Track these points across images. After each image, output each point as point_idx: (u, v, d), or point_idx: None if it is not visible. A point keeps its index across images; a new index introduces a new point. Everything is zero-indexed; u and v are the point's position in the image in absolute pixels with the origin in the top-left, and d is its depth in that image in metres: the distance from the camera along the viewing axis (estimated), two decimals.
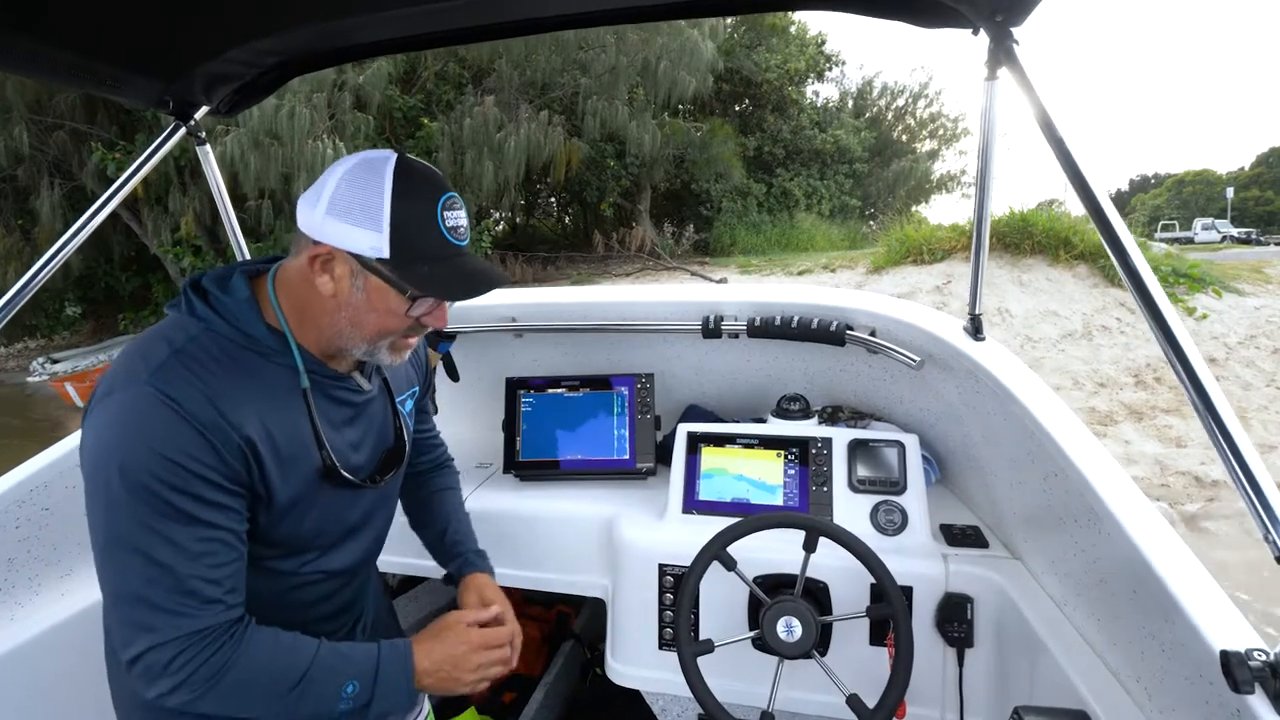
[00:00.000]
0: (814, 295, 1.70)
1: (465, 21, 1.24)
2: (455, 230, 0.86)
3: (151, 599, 0.77)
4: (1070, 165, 0.96)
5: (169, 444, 0.76)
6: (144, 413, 0.76)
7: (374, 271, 0.83)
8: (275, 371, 0.87)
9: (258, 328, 0.86)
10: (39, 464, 1.35)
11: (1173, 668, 0.87)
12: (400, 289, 0.84)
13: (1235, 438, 0.75)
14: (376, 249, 0.81)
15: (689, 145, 15.85)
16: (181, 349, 0.81)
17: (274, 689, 0.82)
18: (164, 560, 0.76)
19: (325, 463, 0.91)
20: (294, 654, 0.85)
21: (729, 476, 1.58)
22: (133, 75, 1.27)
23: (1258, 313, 7.63)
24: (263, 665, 0.82)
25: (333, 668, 0.86)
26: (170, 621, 0.77)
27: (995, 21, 1.08)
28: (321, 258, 0.84)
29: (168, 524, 0.77)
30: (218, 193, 1.71)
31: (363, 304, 0.86)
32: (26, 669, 1.27)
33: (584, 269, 14.40)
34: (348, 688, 0.85)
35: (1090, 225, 9.64)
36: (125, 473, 0.75)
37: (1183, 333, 0.81)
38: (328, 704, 0.84)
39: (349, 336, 0.89)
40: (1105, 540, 1.03)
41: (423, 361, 1.23)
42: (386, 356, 0.92)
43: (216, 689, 0.79)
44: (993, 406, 1.36)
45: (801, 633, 1.21)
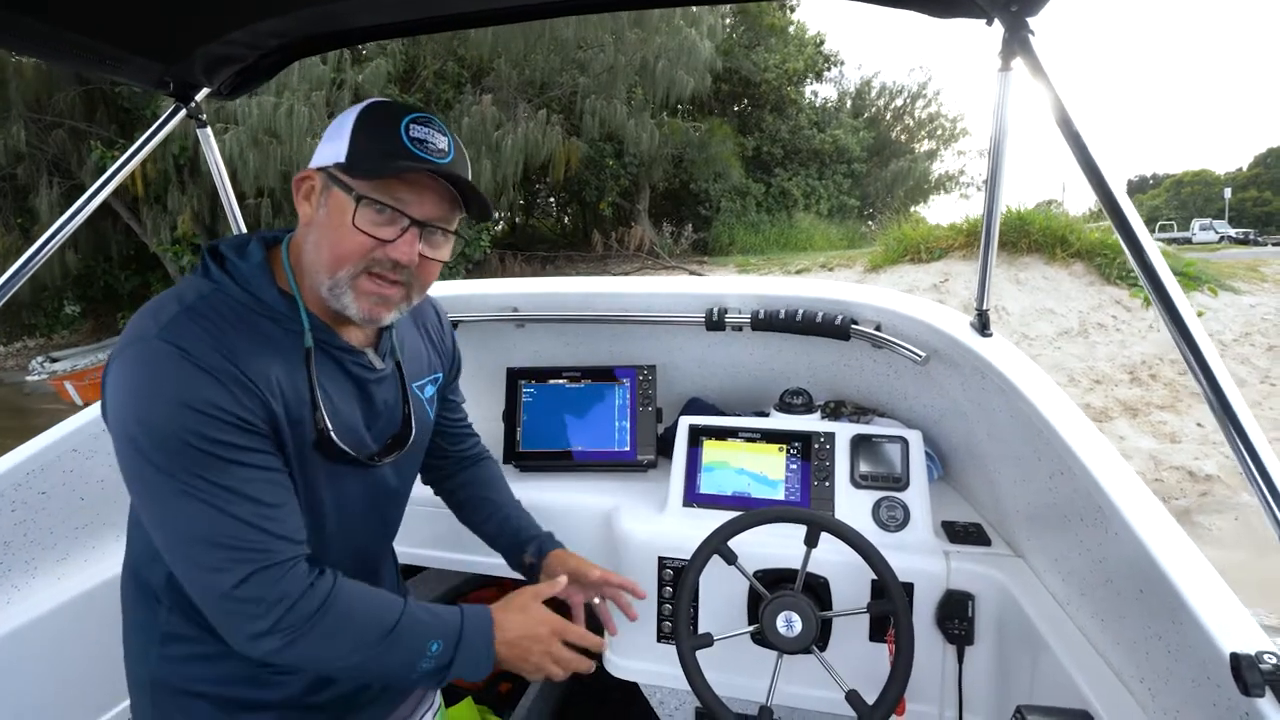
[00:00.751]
0: (819, 289, 1.69)
1: (465, 7, 1.23)
2: (421, 142, 0.81)
3: (225, 540, 0.75)
4: (1086, 158, 0.94)
5: (190, 394, 0.74)
6: (157, 365, 0.75)
7: (330, 179, 0.82)
8: (284, 336, 0.85)
9: (269, 292, 0.85)
10: (35, 447, 1.35)
11: (1179, 669, 0.86)
12: (346, 188, 0.81)
13: (1248, 430, 0.74)
14: (337, 155, 0.81)
15: (688, 145, 15.86)
16: (191, 306, 0.80)
17: (366, 636, 0.81)
18: (220, 505, 0.75)
19: (318, 426, 0.86)
20: (386, 602, 0.84)
21: (730, 470, 1.58)
22: (133, 56, 1.26)
23: (1253, 310, 7.67)
24: (359, 609, 0.82)
25: (422, 622, 0.85)
26: (249, 555, 0.75)
27: (1010, 11, 1.06)
28: (303, 183, 0.86)
29: (210, 470, 0.75)
30: (218, 175, 1.69)
31: (324, 221, 0.83)
32: (23, 652, 1.27)
33: (583, 268, 14.41)
34: (433, 646, 0.84)
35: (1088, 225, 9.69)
36: (149, 427, 0.74)
37: (1196, 324, 0.80)
38: (413, 659, 0.83)
39: (317, 268, 0.85)
40: (1113, 539, 1.02)
41: (449, 348, 1.20)
42: (352, 303, 0.85)
43: (309, 635, 0.77)
44: (999, 403, 1.35)
45: (801, 628, 1.21)
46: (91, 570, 1.42)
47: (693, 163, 16.18)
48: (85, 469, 1.42)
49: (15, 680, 1.26)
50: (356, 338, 0.94)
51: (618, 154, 14.87)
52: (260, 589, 0.75)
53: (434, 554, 1.70)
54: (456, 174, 0.84)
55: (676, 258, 14.37)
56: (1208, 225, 42.19)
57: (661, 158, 15.35)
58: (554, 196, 18.79)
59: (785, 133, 17.82)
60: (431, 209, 0.85)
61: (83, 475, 1.42)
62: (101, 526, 1.47)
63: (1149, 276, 0.85)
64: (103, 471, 1.45)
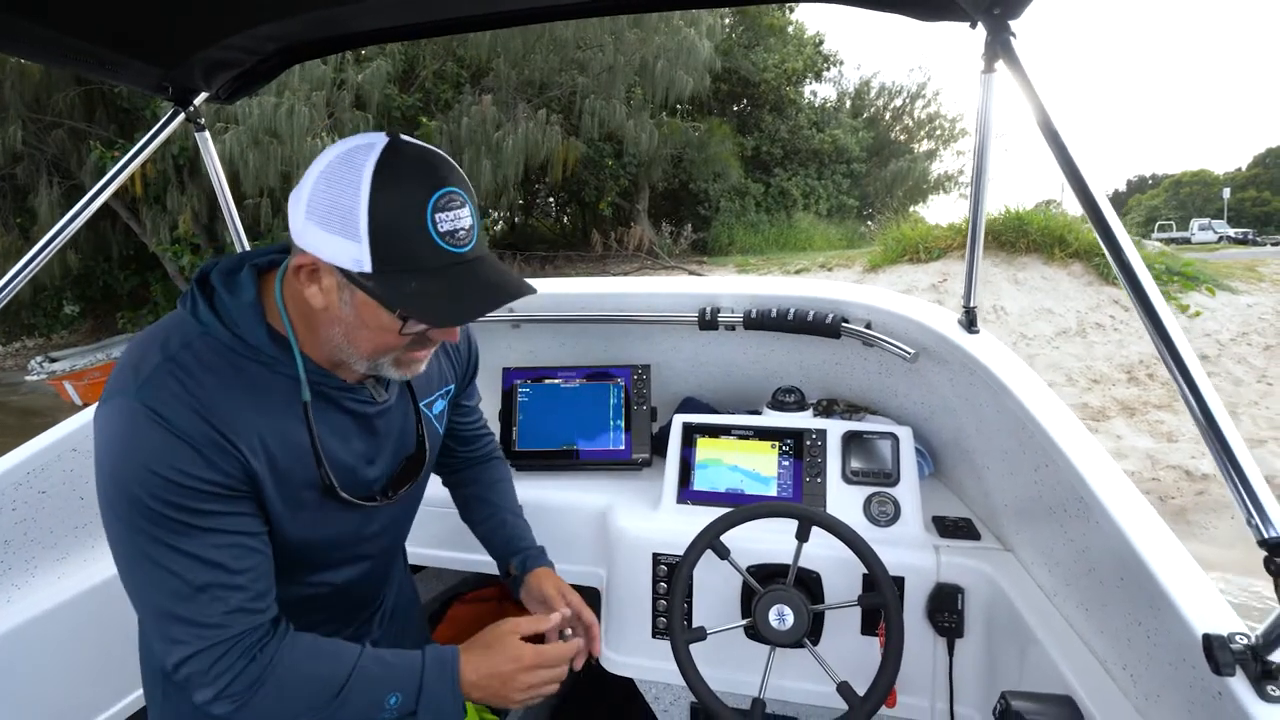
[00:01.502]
0: (810, 288, 1.71)
1: (464, 11, 1.24)
2: (452, 235, 0.72)
3: (175, 611, 0.75)
4: (1066, 160, 0.95)
5: (158, 460, 0.72)
6: (130, 428, 0.73)
7: (360, 286, 0.73)
8: (277, 381, 0.81)
9: (258, 335, 0.79)
10: (36, 447, 1.36)
11: (1158, 653, 0.88)
12: (389, 306, 0.73)
13: (1224, 429, 0.76)
14: (358, 261, 0.71)
15: (687, 145, 15.86)
16: (174, 356, 0.76)
17: (314, 699, 0.80)
18: (179, 572, 0.74)
19: (324, 482, 0.85)
20: (335, 662, 0.82)
21: (724, 467, 1.59)
22: (132, 60, 1.27)
23: (1250, 310, 7.68)
24: (302, 673, 0.80)
25: (375, 678, 0.82)
26: (198, 632, 0.75)
27: (993, 14, 1.08)
28: (306, 269, 0.76)
29: (174, 537, 0.74)
30: (216, 180, 1.70)
31: (354, 320, 0.77)
32: (23, 651, 1.28)
33: (582, 268, 14.41)
34: (391, 699, 0.82)
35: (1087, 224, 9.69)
36: (121, 487, 0.73)
37: (1173, 324, 0.82)
38: (370, 714, 0.82)
39: (347, 352, 0.81)
40: (1095, 529, 1.04)
41: (463, 355, 1.15)
42: (393, 372, 0.84)
43: (255, 698, 0.77)
44: (986, 399, 1.37)
45: (793, 621, 1.23)
46: (91, 569, 1.43)
47: (692, 163, 16.18)
48: (85, 468, 1.43)
49: (15, 678, 1.27)
50: (352, 375, 0.89)
51: (617, 154, 14.87)
52: (206, 663, 0.76)
53: (434, 553, 1.71)
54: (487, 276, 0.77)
55: (676, 258, 14.37)
56: (1206, 225, 42.26)
57: (661, 158, 15.35)
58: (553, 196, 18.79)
59: (784, 133, 17.82)
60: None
61: (83, 474, 1.43)
62: (100, 526, 1.48)
63: (1126, 273, 0.86)
64: None
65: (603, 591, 1.59)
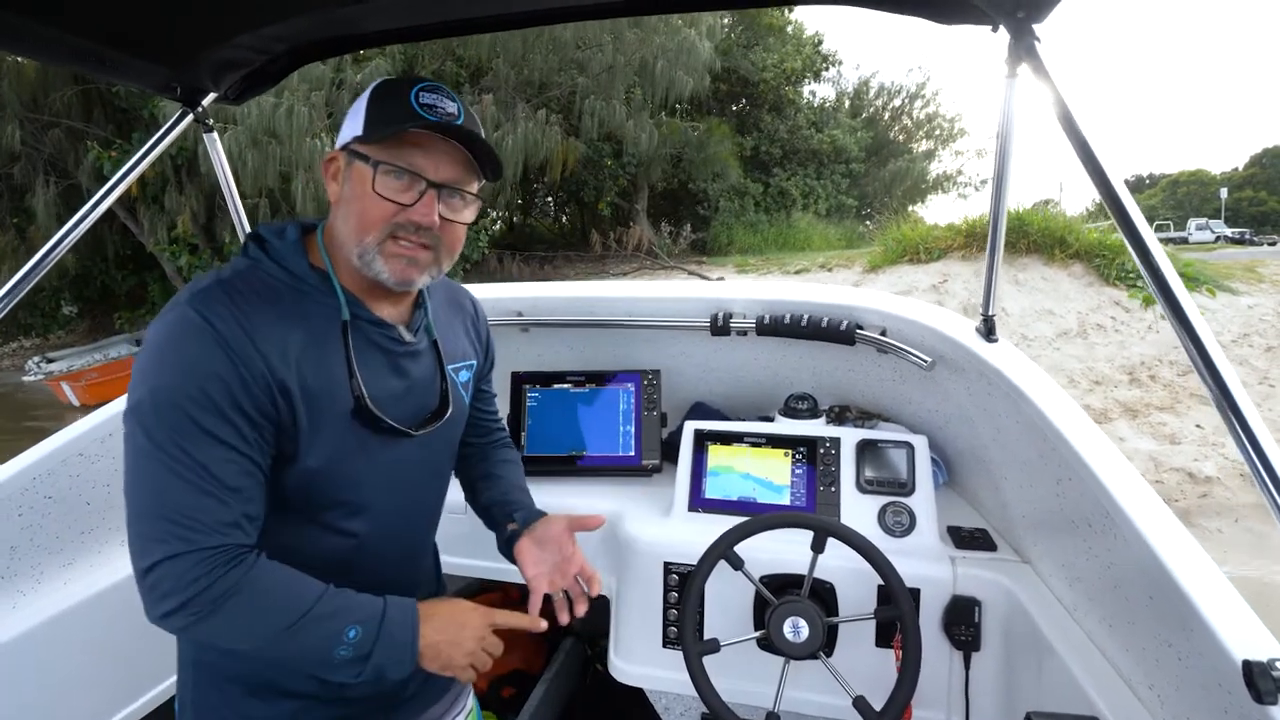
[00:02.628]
0: (824, 294, 1.69)
1: (471, 12, 1.24)
2: (430, 108, 0.85)
3: (168, 513, 0.77)
4: (1092, 163, 0.95)
5: (199, 361, 0.77)
6: (179, 331, 0.79)
7: (351, 154, 0.86)
8: (317, 309, 0.88)
9: (301, 266, 0.89)
10: (41, 452, 1.35)
11: (1190, 675, 0.87)
12: (364, 158, 0.85)
13: (1256, 431, 0.75)
14: (354, 134, 0.86)
15: (686, 145, 15.86)
16: (226, 279, 0.84)
17: (277, 620, 0.81)
18: (184, 475, 0.77)
19: (355, 394, 0.89)
20: (301, 587, 0.84)
21: (735, 475, 1.58)
22: (141, 61, 1.27)
23: (1251, 311, 7.69)
24: (268, 593, 0.81)
25: (338, 608, 0.84)
26: (184, 534, 0.76)
27: (1017, 18, 1.07)
28: (330, 165, 0.90)
29: (191, 440, 0.77)
30: (224, 180, 1.70)
31: (349, 194, 0.88)
32: (29, 656, 1.27)
33: (581, 268, 14.40)
34: (350, 632, 0.83)
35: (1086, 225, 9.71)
36: (156, 391, 0.77)
37: (1203, 326, 0.80)
38: (328, 644, 0.82)
39: (347, 241, 0.88)
40: (1121, 545, 1.02)
41: (484, 341, 1.21)
42: (383, 268, 0.88)
43: (219, 612, 0.78)
44: (1004, 408, 1.35)
45: (808, 634, 1.21)
46: (96, 574, 1.43)
47: (691, 162, 16.19)
48: (91, 473, 1.42)
49: (22, 683, 1.26)
50: (389, 313, 0.96)
51: (616, 154, 14.86)
52: (182, 568, 0.76)
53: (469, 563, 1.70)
54: (468, 130, 0.87)
55: (675, 258, 14.36)
56: (1204, 225, 42.35)
57: (660, 158, 15.36)
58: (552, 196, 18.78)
59: (784, 132, 17.84)
60: (447, 171, 0.88)
61: (89, 479, 1.42)
62: (107, 530, 1.47)
63: (1155, 279, 0.86)
64: (107, 476, 1.45)
65: (612, 599, 1.57)
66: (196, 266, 11.72)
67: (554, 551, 1.12)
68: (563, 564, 1.11)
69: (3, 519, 1.28)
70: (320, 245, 0.92)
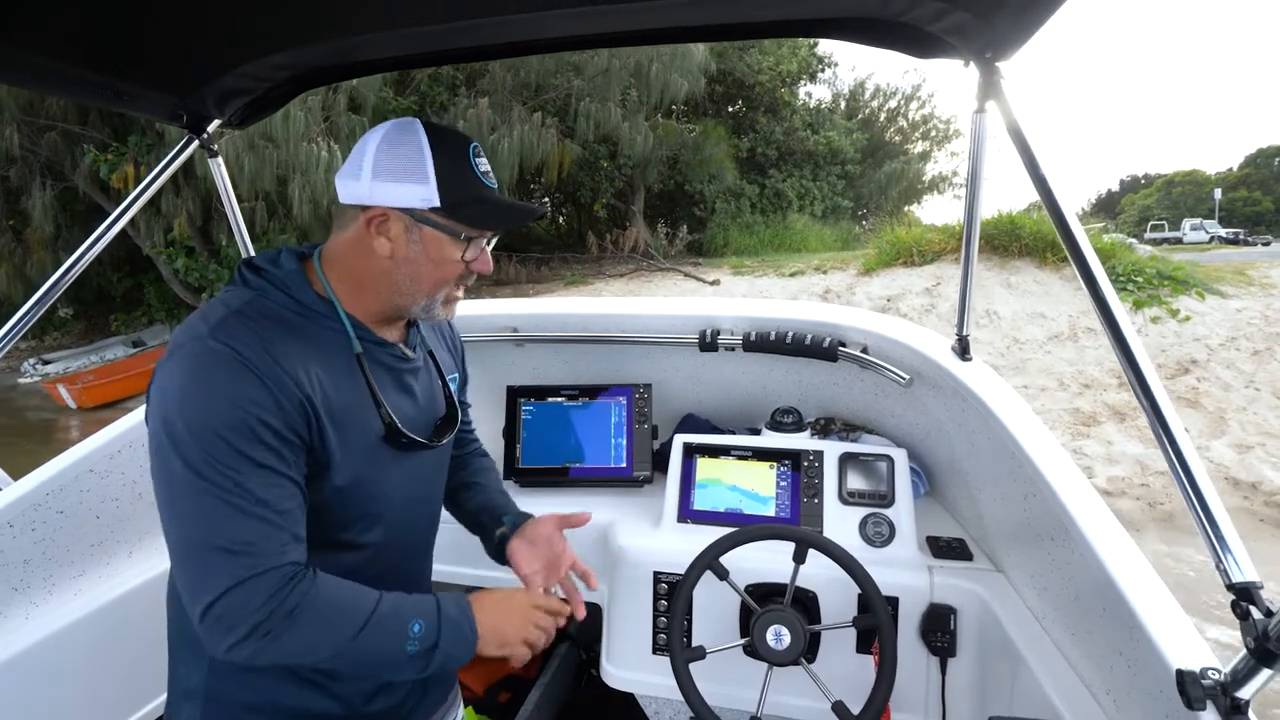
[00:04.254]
0: (808, 311, 1.75)
1: (470, 42, 1.27)
2: (487, 174, 0.93)
3: (225, 544, 0.78)
4: (1048, 196, 1.02)
5: (234, 390, 0.79)
6: (208, 363, 0.80)
7: (427, 222, 0.89)
8: (327, 336, 0.91)
9: (307, 294, 0.91)
10: (54, 469, 1.39)
11: (1138, 682, 0.92)
12: (454, 233, 0.90)
13: (1197, 477, 0.80)
14: (428, 199, 0.88)
15: (682, 146, 15.88)
16: (239, 310, 0.86)
17: (345, 629, 0.83)
18: (236, 503, 0.78)
19: (385, 421, 0.94)
20: (360, 595, 0.87)
21: (723, 487, 1.63)
22: (147, 90, 1.30)
23: (1239, 315, 7.75)
24: (333, 604, 0.83)
25: (399, 608, 0.87)
26: (246, 562, 0.78)
27: (985, 57, 1.13)
28: (377, 220, 0.89)
29: (237, 468, 0.78)
30: (228, 201, 1.74)
31: (420, 256, 0.91)
32: (42, 666, 1.31)
33: (578, 269, 14.41)
34: (414, 626, 0.86)
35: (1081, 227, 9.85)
36: (191, 422, 0.78)
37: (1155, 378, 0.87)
38: (397, 643, 0.85)
39: (408, 294, 0.94)
40: (1079, 559, 1.07)
41: (460, 352, 1.26)
42: (441, 311, 0.97)
43: (290, 630, 0.79)
44: (977, 425, 1.41)
45: (790, 641, 1.26)
46: (105, 585, 1.47)
47: (687, 164, 16.21)
48: (100, 488, 1.47)
49: (34, 694, 1.30)
50: (390, 334, 1.01)
51: (612, 156, 14.89)
52: (244, 596, 0.78)
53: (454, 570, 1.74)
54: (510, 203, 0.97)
55: (671, 259, 14.38)
56: (1198, 225, 42.49)
57: (656, 159, 15.37)
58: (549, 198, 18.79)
59: (779, 134, 17.87)
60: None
61: (99, 494, 1.46)
62: (115, 544, 1.51)
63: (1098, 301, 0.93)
64: (116, 490, 1.49)
65: (604, 607, 1.62)
66: (193, 269, 11.72)
67: (546, 549, 1.17)
68: (555, 560, 1.16)
69: (17, 533, 1.32)
70: (320, 275, 0.94)
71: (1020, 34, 1.05)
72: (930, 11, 1.05)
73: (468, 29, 1.18)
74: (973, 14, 1.02)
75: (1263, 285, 8.54)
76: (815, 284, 10.26)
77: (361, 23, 1.16)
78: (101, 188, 11.47)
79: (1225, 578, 0.76)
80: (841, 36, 1.21)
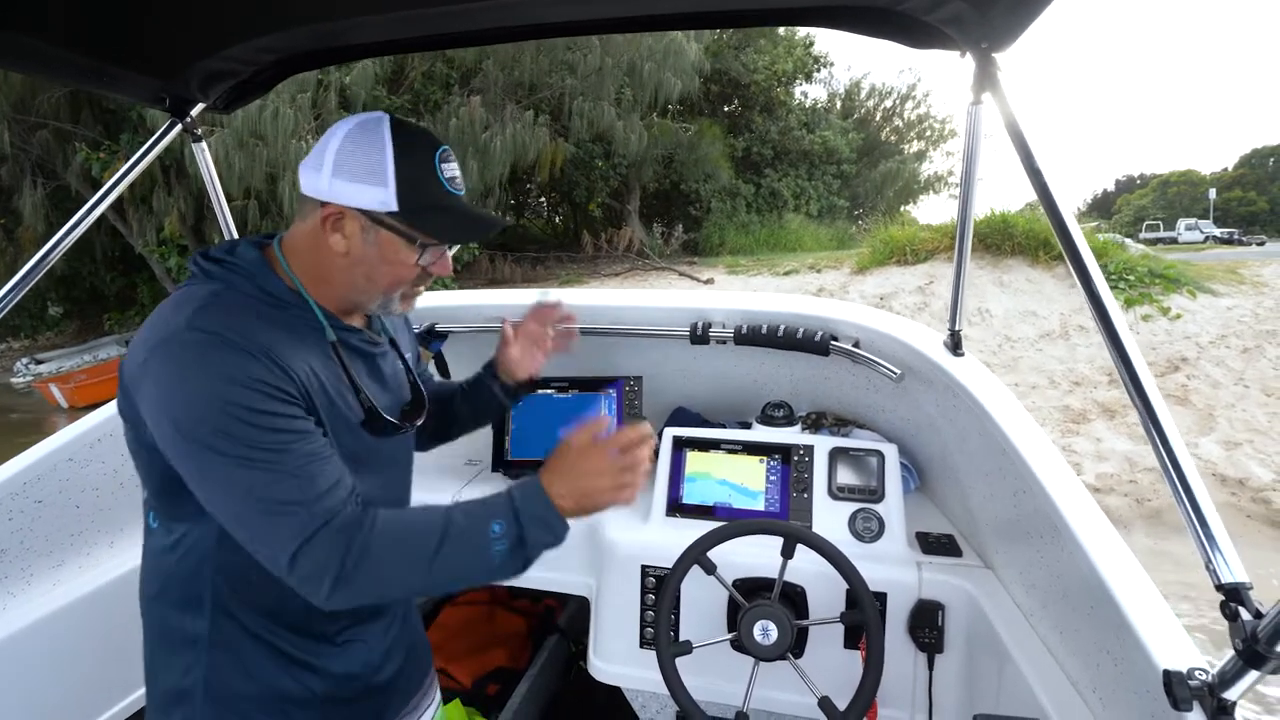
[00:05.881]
0: (800, 305, 1.73)
1: (462, 26, 1.26)
2: (453, 180, 0.91)
3: (278, 508, 0.78)
4: (1043, 189, 1.01)
5: (228, 370, 0.78)
6: (197, 352, 0.78)
7: (384, 225, 0.88)
8: (297, 324, 0.90)
9: (275, 284, 0.90)
10: (31, 458, 1.37)
11: (1124, 681, 0.91)
12: (410, 239, 0.89)
13: (1189, 478, 0.79)
14: (385, 203, 0.86)
15: (678, 146, 15.87)
16: (206, 303, 0.83)
17: (421, 551, 0.82)
18: (274, 467, 0.78)
19: (366, 407, 0.94)
20: (429, 515, 0.86)
21: (712, 480, 1.62)
22: (130, 72, 1.28)
23: (1230, 313, 7.78)
24: (400, 534, 0.83)
25: (470, 513, 0.86)
26: (309, 512, 0.79)
27: (981, 47, 1.12)
28: (333, 217, 0.88)
29: (263, 436, 0.78)
30: (212, 189, 1.71)
31: (375, 257, 0.90)
32: (20, 657, 1.30)
33: (573, 269, 14.39)
34: (494, 526, 0.84)
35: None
36: (195, 410, 0.77)
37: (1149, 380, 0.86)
38: (481, 549, 0.83)
39: (364, 291, 0.93)
40: (1067, 557, 1.07)
41: (411, 329, 1.27)
42: (399, 306, 0.97)
43: (369, 569, 0.80)
44: (968, 421, 1.40)
45: (777, 636, 1.25)
46: (86, 576, 1.46)
47: (683, 163, 16.21)
48: (80, 477, 1.45)
49: (11, 684, 1.28)
50: (354, 320, 1.01)
51: (606, 155, 14.88)
52: (323, 544, 0.79)
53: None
54: (479, 214, 0.95)
55: (666, 258, 14.38)
56: (1193, 225, 42.69)
57: (651, 158, 15.37)
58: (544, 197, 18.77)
59: (775, 133, 17.88)
60: None
61: (78, 484, 1.45)
62: (95, 534, 1.50)
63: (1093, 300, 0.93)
64: (96, 480, 1.48)
65: (592, 601, 1.62)
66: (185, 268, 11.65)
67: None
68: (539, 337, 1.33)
69: None
70: (284, 265, 0.92)
71: (1017, 25, 1.04)
72: (927, 1, 1.04)
73: (455, 14, 1.17)
74: (969, 4, 1.01)
75: (1254, 284, 8.58)
76: (809, 283, 10.27)
77: (349, 6, 1.15)
78: (94, 186, 11.39)
79: (1215, 578, 0.75)
80: (837, 26, 1.20)
